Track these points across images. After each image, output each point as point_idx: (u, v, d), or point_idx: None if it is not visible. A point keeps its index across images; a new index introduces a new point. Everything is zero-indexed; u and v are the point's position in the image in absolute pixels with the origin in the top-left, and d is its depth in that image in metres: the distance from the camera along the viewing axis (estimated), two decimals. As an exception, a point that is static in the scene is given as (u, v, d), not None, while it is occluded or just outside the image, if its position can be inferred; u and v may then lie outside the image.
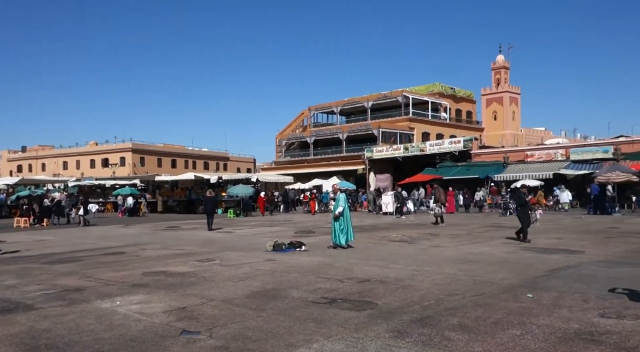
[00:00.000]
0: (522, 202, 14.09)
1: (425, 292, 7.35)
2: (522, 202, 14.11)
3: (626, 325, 5.46)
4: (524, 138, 61.46)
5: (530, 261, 10.19)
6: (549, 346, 4.81)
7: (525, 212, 13.81)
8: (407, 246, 13.59)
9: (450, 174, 37.10)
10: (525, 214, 13.76)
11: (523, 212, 13.77)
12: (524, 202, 14.16)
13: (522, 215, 13.74)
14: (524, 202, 14.13)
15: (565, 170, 31.60)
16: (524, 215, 13.71)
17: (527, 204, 14.29)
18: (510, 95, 66.66)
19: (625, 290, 7.09)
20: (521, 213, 13.80)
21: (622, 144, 31.88)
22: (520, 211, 13.95)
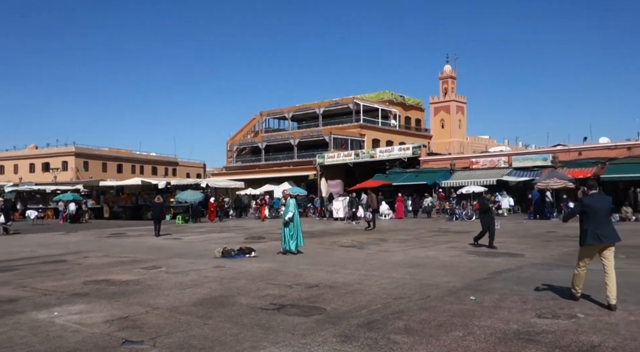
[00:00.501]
0: (485, 208, 13.98)
1: (373, 297, 7.44)
2: (486, 207, 14.02)
3: (560, 324, 5.73)
4: (470, 146, 63.57)
5: (474, 265, 10.52)
6: (489, 347, 4.98)
7: (488, 217, 13.65)
8: (356, 251, 13.73)
9: (399, 180, 37.81)
10: (489, 220, 13.58)
11: (486, 217, 13.68)
12: (487, 207, 14.07)
13: (484, 221, 13.68)
14: (487, 208, 14.02)
15: (508, 177, 32.86)
16: (487, 221, 13.59)
17: (490, 210, 14.17)
18: (457, 104, 68.86)
19: (544, 285, 7.81)
20: (484, 219, 13.74)
21: (559, 152, 33.52)
22: (483, 217, 13.86)
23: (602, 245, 6.70)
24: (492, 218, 13.76)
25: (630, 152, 29.89)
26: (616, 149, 30.75)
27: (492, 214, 14.09)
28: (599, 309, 6.38)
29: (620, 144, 31.17)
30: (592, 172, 29.74)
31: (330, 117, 57.08)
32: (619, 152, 30.36)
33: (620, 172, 28.73)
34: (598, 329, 5.52)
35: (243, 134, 65.46)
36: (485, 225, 13.59)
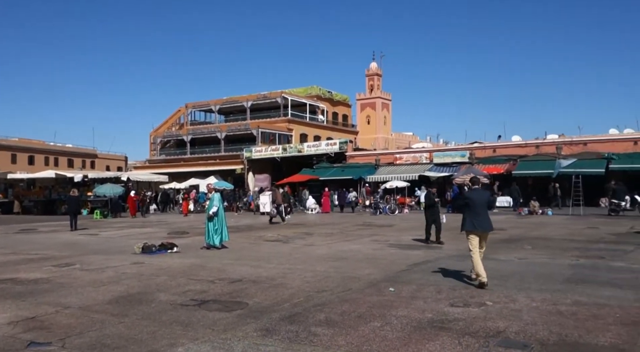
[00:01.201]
0: (431, 203, 13.54)
1: (296, 290, 7.49)
2: (432, 202, 13.55)
3: (471, 312, 6.06)
4: (394, 142, 65.48)
5: (395, 257, 10.87)
6: (405, 335, 5.18)
7: (433, 212, 13.29)
8: (282, 245, 13.75)
9: (326, 174, 38.23)
10: (434, 215, 13.24)
11: (431, 213, 13.31)
12: (433, 202, 13.57)
13: (429, 216, 13.30)
14: (433, 203, 13.54)
15: (429, 172, 34.16)
16: (432, 216, 13.24)
17: (436, 204, 13.63)
18: (383, 101, 70.64)
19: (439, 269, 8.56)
20: (429, 214, 13.36)
21: (476, 149, 35.32)
22: (428, 212, 13.45)
23: (479, 232, 7.84)
24: (437, 213, 13.38)
25: (538, 150, 32.04)
26: (526, 147, 32.86)
27: (437, 208, 13.67)
28: (505, 297, 6.81)
29: (530, 143, 33.32)
30: (504, 168, 31.62)
31: (258, 111, 56.61)
32: (529, 150, 32.47)
33: (530, 169, 30.76)
34: (504, 315, 5.90)
35: (167, 126, 63.38)
36: (430, 220, 13.26)
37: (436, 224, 13.18)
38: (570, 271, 8.77)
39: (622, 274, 8.45)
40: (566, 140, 31.98)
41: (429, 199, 13.80)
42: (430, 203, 13.64)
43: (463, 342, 4.92)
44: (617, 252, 11.04)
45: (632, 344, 4.75)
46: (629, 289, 7.21)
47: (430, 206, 13.54)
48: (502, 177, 31.95)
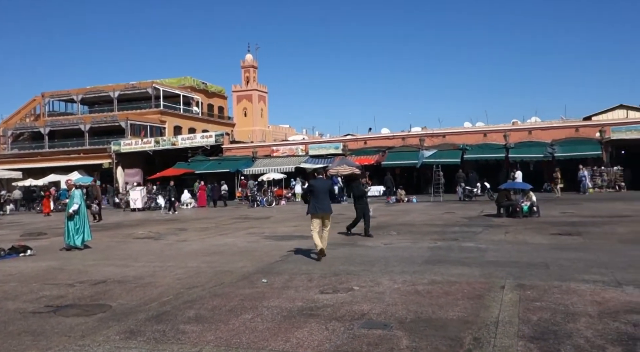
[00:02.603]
0: (360, 194, 12.99)
1: (165, 288, 7.22)
2: (361, 193, 13.04)
3: (339, 298, 6.32)
4: (271, 134, 65.77)
5: (269, 249, 10.96)
6: (275, 325, 5.24)
7: (363, 204, 12.81)
8: (152, 242, 13.15)
9: (202, 168, 37.29)
10: (363, 207, 12.77)
11: (361, 204, 12.81)
12: (363, 193, 13.10)
13: (359, 207, 12.77)
14: (363, 194, 13.06)
15: (305, 164, 34.92)
16: (362, 207, 12.75)
17: (365, 195, 13.15)
18: (259, 94, 70.47)
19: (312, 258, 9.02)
20: (359, 205, 12.81)
21: (349, 141, 36.85)
22: (358, 203, 12.86)
23: (321, 214, 9.31)
24: (366, 204, 12.89)
25: (404, 142, 34.33)
26: (394, 139, 35.03)
27: (367, 200, 13.14)
28: (371, 281, 7.20)
29: (397, 135, 35.57)
30: (375, 159, 33.41)
31: (127, 102, 53.24)
32: (396, 141, 34.66)
33: (397, 159, 32.87)
34: (369, 298, 6.24)
35: (20, 117, 57.06)
36: (360, 212, 12.70)
37: (365, 217, 12.64)
38: (428, 253, 9.53)
39: (472, 253, 9.39)
40: (428, 132, 34.63)
41: (358, 190, 13.11)
42: (359, 194, 12.96)
43: (330, 327, 5.11)
44: (468, 234, 12.23)
45: (475, 316, 5.31)
46: (476, 266, 8.04)
47: (360, 196, 12.90)
48: (373, 167, 33.72)
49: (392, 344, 4.53)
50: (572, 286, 6.44)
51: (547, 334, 4.64)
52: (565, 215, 16.15)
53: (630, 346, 4.27)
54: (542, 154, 29.45)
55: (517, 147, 30.68)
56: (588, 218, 14.88)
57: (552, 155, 29.14)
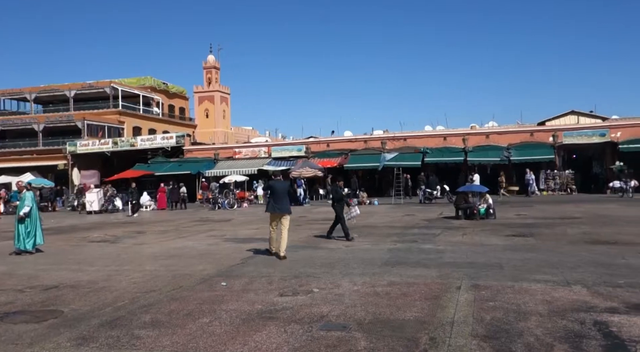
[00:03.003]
0: (339, 197, 12.62)
1: (120, 293, 7.04)
2: (339, 196, 12.64)
3: (299, 300, 6.32)
4: (234, 136, 65.24)
5: (230, 252, 10.85)
6: (233, 329, 5.20)
7: (341, 207, 12.48)
8: (109, 245, 12.81)
9: (162, 170, 36.57)
10: (342, 209, 12.45)
11: (339, 207, 12.45)
12: (341, 196, 12.70)
13: (339, 210, 12.44)
14: (341, 197, 12.65)
15: (267, 166, 34.77)
16: (341, 210, 12.44)
17: (343, 198, 12.74)
18: (221, 95, 69.77)
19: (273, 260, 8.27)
20: (338, 208, 12.46)
21: (312, 143, 36.92)
22: (336, 206, 12.50)
23: (278, 214, 9.84)
24: (344, 208, 12.56)
25: (366, 145, 34.64)
26: (356, 142, 35.28)
27: (345, 204, 12.71)
28: (331, 283, 7.23)
29: (359, 138, 35.85)
30: (337, 162, 33.58)
31: (84, 102, 51.71)
32: (358, 144, 34.92)
33: (359, 162, 33.13)
34: (328, 300, 6.27)
35: (-31, 115, 54.60)
36: (341, 214, 12.40)
37: (341, 220, 12.36)
38: (388, 255, 9.65)
39: (430, 254, 9.57)
40: (390, 135, 35.08)
41: (336, 193, 12.78)
42: (338, 197, 12.61)
43: (289, 329, 5.10)
44: (428, 236, 12.45)
45: (432, 316, 5.41)
46: (434, 267, 8.19)
47: (339, 199, 12.57)
48: (336, 170, 33.87)
49: (350, 346, 4.57)
50: (524, 286, 6.64)
51: (499, 333, 4.78)
52: (520, 217, 16.66)
53: (576, 343, 4.45)
54: (498, 158, 30.28)
55: (475, 150, 31.44)
56: (541, 220, 15.40)
57: (508, 158, 30.00)
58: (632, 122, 30.59)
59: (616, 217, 15.55)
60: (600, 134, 29.80)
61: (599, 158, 31.02)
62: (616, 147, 28.76)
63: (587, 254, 9.05)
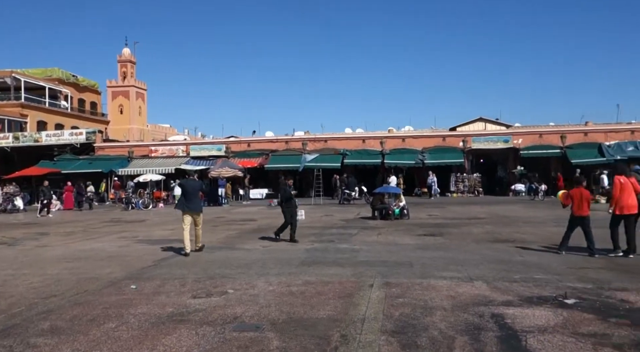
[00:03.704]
0: (287, 197, 12.07)
1: (17, 298, 6.54)
2: (288, 196, 12.09)
3: (212, 302, 6.21)
4: (150, 133, 62.73)
5: (142, 253, 10.44)
6: (141, 333, 5.00)
7: (291, 207, 11.99)
8: (6, 248, 11.86)
9: (70, 167, 34.44)
10: (292, 210, 11.97)
11: (288, 207, 11.97)
12: (290, 196, 12.11)
13: (287, 211, 11.94)
14: (290, 197, 12.09)
15: (185, 165, 33.82)
16: (290, 211, 11.93)
17: (292, 198, 12.19)
18: (137, 90, 66.91)
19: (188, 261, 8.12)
20: (286, 209, 11.97)
21: (232, 143, 36.43)
22: (285, 207, 12.02)
23: (190, 213, 10.15)
24: (295, 208, 12.11)
25: (288, 146, 34.75)
26: (277, 142, 35.29)
27: (295, 203, 12.21)
28: (246, 284, 7.18)
29: (280, 138, 35.89)
30: (258, 162, 33.40)
31: (-19, 92, 47.49)
32: (280, 145, 34.96)
33: (280, 163, 33.16)
34: (243, 301, 6.21)
35: None
36: (288, 216, 11.89)
37: (292, 220, 11.86)
38: (305, 255, 9.74)
39: (346, 254, 9.77)
40: (311, 137, 35.42)
41: (285, 193, 12.13)
42: (286, 196, 12.03)
43: (200, 332, 5.00)
44: (344, 236, 12.71)
45: (344, 314, 5.53)
46: (349, 266, 8.38)
47: (287, 199, 12.01)
48: (256, 170, 33.68)
49: (262, 346, 4.56)
50: (431, 283, 6.98)
51: (406, 328, 4.98)
52: (431, 217, 17.47)
53: (475, 335, 4.74)
54: (413, 161, 31.58)
55: (392, 153, 32.56)
56: (450, 220, 16.25)
57: (423, 161, 31.37)
58: (531, 130, 33.13)
59: (516, 217, 16.75)
60: (504, 140, 31.97)
61: (503, 163, 33.25)
62: (518, 152, 30.98)
63: (489, 252, 9.68)
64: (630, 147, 29.16)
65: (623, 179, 9.18)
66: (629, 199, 9.01)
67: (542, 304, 5.78)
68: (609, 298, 6.01)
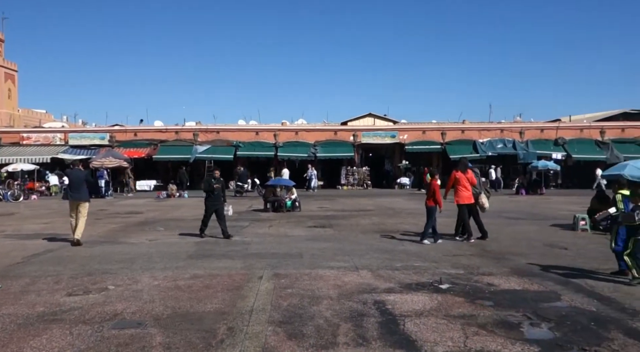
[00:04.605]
0: (210, 189, 11.01)
1: None
2: (211, 188, 11.02)
3: (90, 299, 5.83)
4: (22, 119, 57.08)
5: (9, 249, 9.49)
6: (6, 335, 4.57)
7: (215, 201, 10.99)
8: None
9: None
10: (216, 204, 10.97)
11: (212, 201, 10.99)
12: (213, 188, 11.03)
13: (210, 204, 10.98)
14: (213, 189, 11.02)
15: (63, 154, 31.29)
16: (213, 204, 10.96)
17: (216, 190, 11.13)
18: (6, 71, 60.45)
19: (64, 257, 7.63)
20: (210, 202, 11.00)
21: (117, 132, 34.30)
22: (208, 200, 11.05)
23: (75, 202, 10.08)
24: (220, 202, 11.13)
25: (178, 136, 33.51)
26: (167, 132, 33.87)
27: (220, 195, 11.14)
28: (129, 279, 6.83)
29: (170, 128, 34.47)
30: (146, 152, 31.84)
31: None
32: (169, 135, 33.59)
33: (170, 154, 31.94)
34: (124, 297, 5.91)
35: None
36: (212, 210, 10.95)
37: (218, 214, 10.94)
38: (194, 248, 9.50)
39: (237, 246, 9.69)
40: (202, 127, 34.48)
41: (208, 184, 11.04)
42: (209, 189, 10.99)
43: (75, 331, 4.67)
44: (236, 228, 12.56)
45: (232, 306, 5.49)
46: (239, 259, 8.32)
47: (210, 192, 10.99)
48: (144, 161, 32.11)
49: (144, 342, 4.38)
50: (319, 273, 7.16)
51: (293, 318, 5.07)
52: (322, 209, 17.89)
53: (358, 322, 4.95)
54: (306, 154, 32.07)
55: (285, 146, 32.78)
56: (340, 212, 16.76)
57: (315, 155, 31.98)
58: (416, 127, 35.14)
59: (400, 209, 17.72)
60: (391, 136, 33.62)
61: (390, 157, 34.96)
62: (403, 147, 32.75)
63: (374, 242, 10.14)
64: (500, 144, 32.13)
65: (459, 174, 10.33)
66: (464, 191, 10.21)
67: (420, 290, 6.19)
68: (477, 282, 6.59)
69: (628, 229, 6.57)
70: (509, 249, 9.23)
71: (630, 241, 6.49)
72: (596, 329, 4.72)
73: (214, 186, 10.97)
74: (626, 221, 6.55)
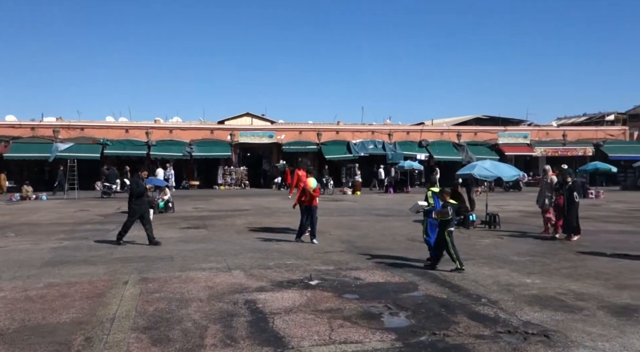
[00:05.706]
0: (140, 192, 9.99)
1: None
2: (142, 190, 10.07)
3: None
4: None
5: None
6: None
7: (141, 204, 10.04)
8: None
9: None
10: (141, 208, 10.01)
11: (138, 204, 9.94)
12: (143, 191, 10.10)
13: (136, 208, 9.90)
14: (142, 192, 10.07)
15: None
16: (139, 208, 9.94)
17: (146, 192, 10.36)
18: None
19: None
20: (136, 205, 9.91)
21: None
22: (134, 203, 9.93)
23: None
24: (146, 205, 10.42)
25: (34, 132, 30.40)
26: (21, 128, 30.55)
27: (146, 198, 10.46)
28: (-31, 292, 6.08)
29: (25, 124, 31.11)
30: (-5, 150, 28.44)
31: None
32: (24, 131, 30.34)
33: (25, 152, 28.88)
34: (-38, 313, 5.24)
35: None
36: (138, 214, 9.93)
37: (144, 219, 9.98)
38: (50, 255, 8.72)
39: (101, 251, 9.07)
40: (64, 123, 31.66)
41: (137, 186, 10.06)
42: (139, 192, 10.01)
43: None
44: (101, 232, 11.77)
45: (92, 315, 5.13)
46: (102, 264, 7.80)
47: (139, 195, 10.03)
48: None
49: (-16, 363, 3.93)
50: (190, 275, 6.98)
51: (160, 323, 4.88)
52: (197, 210, 17.44)
53: (228, 322, 4.92)
54: (181, 153, 30.99)
55: (159, 145, 31.35)
56: (215, 212, 16.47)
57: (190, 154, 31.03)
58: (293, 127, 35.68)
59: (277, 208, 17.88)
60: (269, 136, 33.77)
61: (268, 157, 35.11)
62: (281, 147, 33.10)
63: (249, 241, 10.14)
64: (371, 145, 33.85)
65: (302, 172, 10.85)
66: None
67: (291, 287, 6.32)
68: (345, 277, 6.90)
69: (441, 222, 7.42)
70: (377, 244, 9.80)
71: (445, 233, 7.30)
72: (446, 315, 5.20)
73: (145, 187, 10.30)
74: (441, 216, 7.40)
